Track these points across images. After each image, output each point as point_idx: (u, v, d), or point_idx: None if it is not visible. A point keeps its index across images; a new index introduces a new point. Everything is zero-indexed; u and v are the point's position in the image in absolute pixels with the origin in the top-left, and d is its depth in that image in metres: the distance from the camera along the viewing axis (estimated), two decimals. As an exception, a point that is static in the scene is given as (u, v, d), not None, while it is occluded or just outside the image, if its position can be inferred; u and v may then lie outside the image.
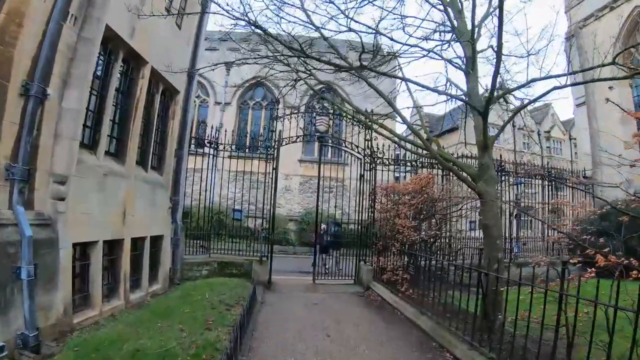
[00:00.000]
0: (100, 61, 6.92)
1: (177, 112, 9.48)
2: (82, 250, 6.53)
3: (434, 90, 7.62)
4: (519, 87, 7.52)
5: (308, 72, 8.80)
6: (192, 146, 11.68)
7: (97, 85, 6.87)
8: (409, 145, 8.56)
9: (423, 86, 7.25)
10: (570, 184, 14.45)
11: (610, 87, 18.22)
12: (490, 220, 7.11)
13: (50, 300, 5.47)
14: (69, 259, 5.89)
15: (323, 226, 12.72)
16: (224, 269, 10.73)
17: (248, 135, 12.01)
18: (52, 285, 5.54)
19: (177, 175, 9.79)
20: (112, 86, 7.08)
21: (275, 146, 11.18)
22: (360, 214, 11.34)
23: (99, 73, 6.86)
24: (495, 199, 7.42)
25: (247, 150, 11.71)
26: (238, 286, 9.33)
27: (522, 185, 15.26)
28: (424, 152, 8.08)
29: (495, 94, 6.92)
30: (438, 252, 9.15)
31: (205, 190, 11.04)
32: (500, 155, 13.03)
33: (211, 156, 11.58)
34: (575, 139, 37.73)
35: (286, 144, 11.53)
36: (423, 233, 8.77)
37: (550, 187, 15.45)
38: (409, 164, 12.23)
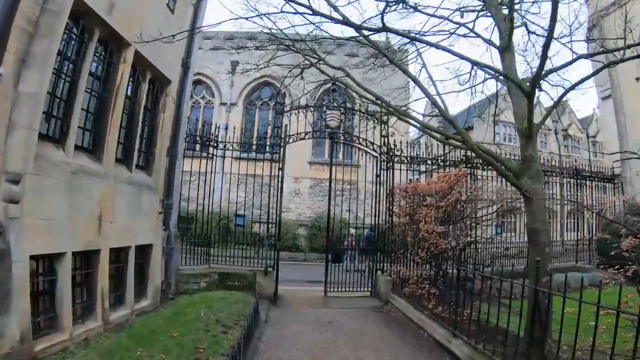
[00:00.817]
0: (72, 40, 5.88)
1: (169, 104, 8.37)
2: (47, 263, 5.43)
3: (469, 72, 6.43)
4: (566, 65, 6.35)
5: (317, 57, 7.71)
6: (194, 147, 10.59)
7: (68, 69, 5.82)
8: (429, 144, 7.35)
9: (456, 54, 6.09)
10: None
11: (637, 79, 16.95)
12: (539, 224, 5.89)
13: (1, 325, 4.38)
14: (25, 275, 4.78)
15: (352, 231, 11.52)
16: (224, 280, 9.58)
17: (255, 133, 10.74)
18: (4, 307, 4.44)
19: (170, 176, 8.69)
20: (85, 69, 6.00)
21: (281, 144, 10.00)
22: (376, 218, 10.12)
23: (70, 54, 5.82)
24: (543, 197, 6.20)
25: (250, 148, 10.51)
26: (239, 301, 8.18)
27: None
28: (452, 144, 6.84)
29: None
30: (468, 261, 7.91)
31: (204, 195, 9.92)
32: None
33: (212, 156, 10.47)
34: (594, 137, 36.15)
35: (293, 142, 10.38)
36: (453, 241, 7.52)
37: (576, 184, 14.08)
38: (429, 162, 10.96)
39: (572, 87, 6.03)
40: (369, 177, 10.40)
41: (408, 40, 8.04)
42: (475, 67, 8.16)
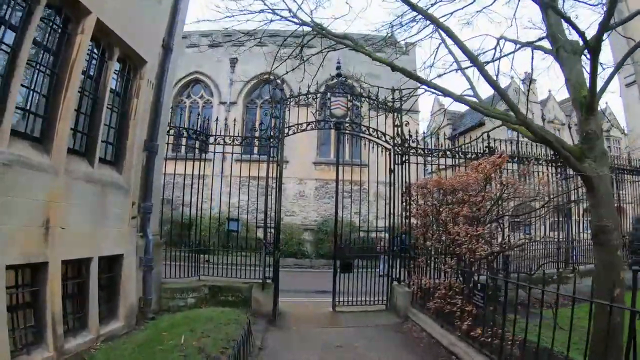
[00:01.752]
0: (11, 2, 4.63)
1: (144, 89, 7.06)
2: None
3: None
4: (629, 18, 5.11)
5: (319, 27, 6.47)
6: (180, 145, 9.33)
7: (3, 36, 4.56)
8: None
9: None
10: None
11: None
12: (609, 221, 4.52)
13: None
14: None
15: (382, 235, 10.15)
16: (216, 295, 8.25)
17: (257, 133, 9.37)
18: None
19: (148, 175, 7.40)
20: (28, 39, 4.72)
21: (279, 136, 8.67)
22: (390, 220, 8.75)
23: (8, 19, 4.57)
24: (609, 184, 4.87)
25: (245, 142, 9.17)
26: (230, 322, 6.82)
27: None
28: (500, 117, 5.49)
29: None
30: (508, 268, 6.50)
31: (192, 196, 8.64)
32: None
33: (201, 151, 9.19)
34: (607, 131, 34.54)
35: (294, 133, 9.05)
36: (495, 245, 6.14)
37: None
38: (449, 154, 9.57)
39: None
40: (381, 173, 9.03)
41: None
42: (500, 42, 6.87)
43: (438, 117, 29.36)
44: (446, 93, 5.53)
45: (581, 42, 4.71)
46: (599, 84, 4.64)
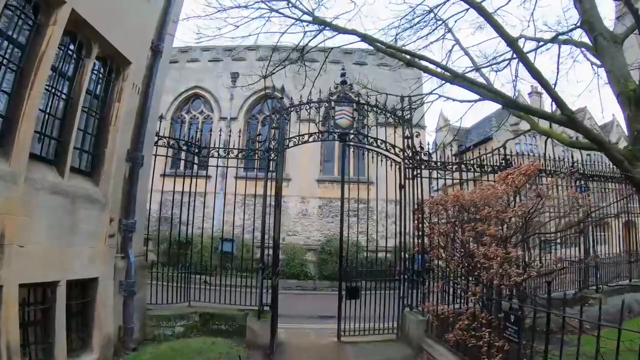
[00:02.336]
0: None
1: (127, 92, 6.36)
2: None
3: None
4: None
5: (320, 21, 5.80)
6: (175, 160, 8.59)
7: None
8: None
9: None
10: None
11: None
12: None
13: None
14: None
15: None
16: (208, 323, 7.41)
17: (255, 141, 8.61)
18: None
19: (132, 188, 6.65)
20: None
21: (278, 147, 7.91)
22: (401, 240, 7.93)
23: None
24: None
25: (241, 155, 8.41)
26: (222, 356, 6.07)
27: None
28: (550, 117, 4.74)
29: None
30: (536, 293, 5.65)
31: (185, 214, 7.88)
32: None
33: (193, 164, 8.48)
34: (616, 143, 33.65)
35: (294, 145, 8.30)
36: (531, 269, 5.31)
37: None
38: (463, 167, 8.77)
39: None
40: (389, 189, 8.24)
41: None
42: (520, 41, 6.20)
43: (442, 133, 28.66)
44: (481, 90, 4.79)
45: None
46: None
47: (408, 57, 5.03)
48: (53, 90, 5.14)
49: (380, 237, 10.34)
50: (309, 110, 8.29)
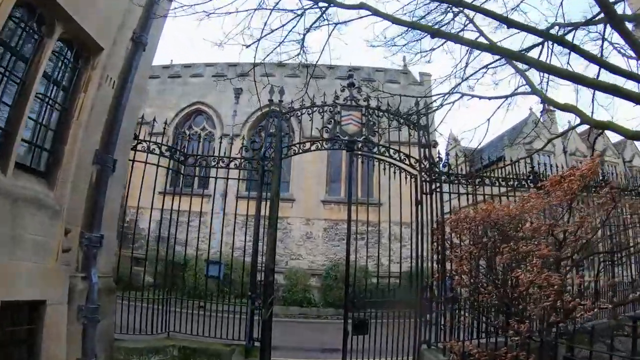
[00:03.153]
0: None
1: (95, 81, 5.37)
2: None
3: None
4: None
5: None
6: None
7: None
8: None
9: None
10: None
11: None
12: None
13: None
14: None
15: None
16: (188, 359, 6.26)
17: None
18: None
19: (99, 196, 5.60)
20: None
21: (273, 156, 6.88)
22: (417, 263, 6.77)
23: None
24: None
25: (232, 165, 7.36)
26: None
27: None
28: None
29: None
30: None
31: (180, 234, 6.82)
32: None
33: (181, 174, 7.47)
34: (630, 161, 32.36)
35: (295, 154, 7.30)
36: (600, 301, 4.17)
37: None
38: (487, 181, 7.65)
39: None
40: (404, 207, 7.15)
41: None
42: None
43: (452, 153, 27.52)
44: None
45: None
46: None
47: (431, 29, 4.04)
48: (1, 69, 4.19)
49: (393, 262, 9.19)
50: (311, 115, 7.29)
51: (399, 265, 8.18)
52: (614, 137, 33.89)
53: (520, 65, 6.43)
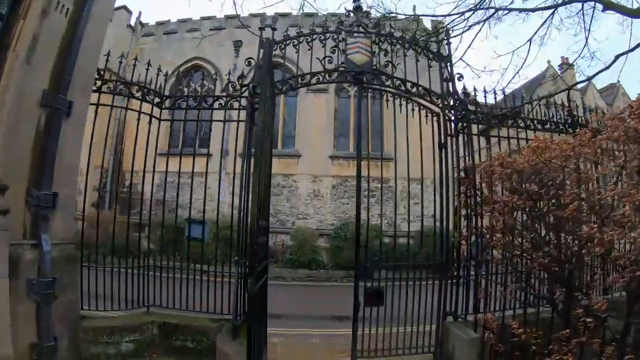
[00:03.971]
0: None
1: (35, 6, 4.19)
2: None
3: None
4: None
5: None
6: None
7: None
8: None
9: None
10: None
11: None
12: None
13: None
14: None
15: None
16: (169, 337, 5.26)
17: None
18: None
19: (49, 145, 4.47)
20: None
21: (265, 91, 5.58)
22: (442, 219, 5.59)
23: None
24: None
25: (215, 104, 6.10)
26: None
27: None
28: None
29: None
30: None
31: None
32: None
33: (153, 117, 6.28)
34: None
35: (292, 89, 6.07)
36: None
37: None
38: (520, 122, 6.36)
39: None
40: (401, 174, 5.95)
41: None
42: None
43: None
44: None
45: None
46: None
47: None
48: None
49: (412, 218, 8.02)
50: (310, 44, 5.99)
51: (419, 222, 7.02)
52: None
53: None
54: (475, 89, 6.40)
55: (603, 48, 17.45)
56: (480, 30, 5.90)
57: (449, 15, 6.03)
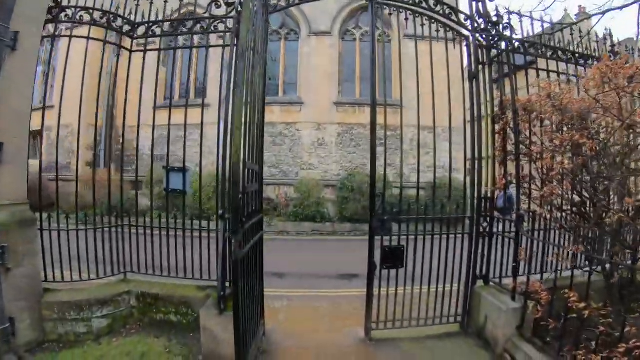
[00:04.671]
0: None
1: None
2: None
3: None
4: None
5: None
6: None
7: None
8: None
9: None
10: None
11: None
12: None
13: None
14: None
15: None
16: (149, 310, 4.49)
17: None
18: None
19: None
20: None
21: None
22: (473, 164, 4.62)
23: None
24: None
25: (196, 29, 4.98)
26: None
27: None
28: None
29: None
30: None
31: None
32: None
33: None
34: None
35: (289, 6, 4.98)
36: None
37: None
38: (561, 54, 5.25)
39: None
40: (411, 121, 4.88)
41: None
42: None
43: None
44: None
45: None
46: None
47: None
48: None
49: (426, 168, 7.02)
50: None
51: (440, 172, 6.06)
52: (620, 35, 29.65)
53: None
54: (508, 11, 5.22)
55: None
56: None
57: None
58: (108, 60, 5.88)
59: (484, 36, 4.85)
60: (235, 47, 4.10)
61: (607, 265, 3.80)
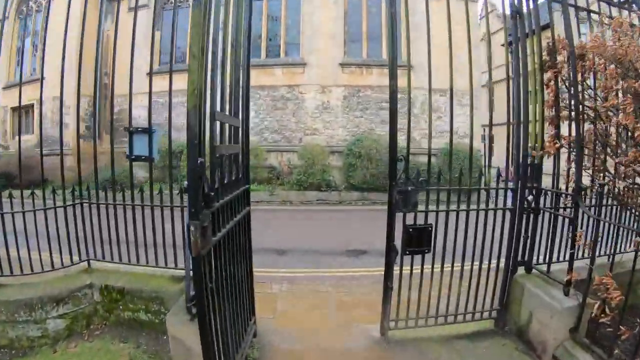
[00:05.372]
0: None
1: None
2: None
3: None
4: None
5: None
6: None
7: None
8: None
9: None
10: None
11: None
12: None
13: None
14: None
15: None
16: (116, 306, 3.69)
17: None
18: None
19: None
20: None
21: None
22: (520, 121, 3.64)
23: None
24: None
25: None
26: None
27: None
28: None
29: None
30: None
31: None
32: None
33: None
34: None
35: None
36: None
37: None
38: None
39: None
40: (420, 84, 3.83)
41: None
42: None
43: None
44: None
45: None
46: None
47: None
48: None
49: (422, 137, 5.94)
50: None
51: (456, 138, 5.05)
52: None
53: None
54: None
55: None
56: None
57: None
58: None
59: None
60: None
61: None
